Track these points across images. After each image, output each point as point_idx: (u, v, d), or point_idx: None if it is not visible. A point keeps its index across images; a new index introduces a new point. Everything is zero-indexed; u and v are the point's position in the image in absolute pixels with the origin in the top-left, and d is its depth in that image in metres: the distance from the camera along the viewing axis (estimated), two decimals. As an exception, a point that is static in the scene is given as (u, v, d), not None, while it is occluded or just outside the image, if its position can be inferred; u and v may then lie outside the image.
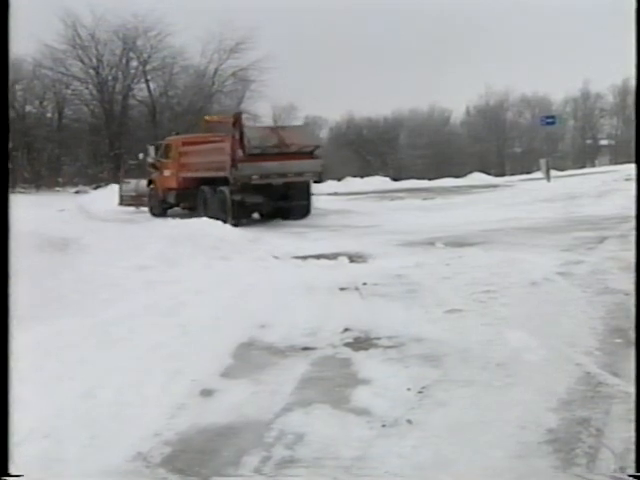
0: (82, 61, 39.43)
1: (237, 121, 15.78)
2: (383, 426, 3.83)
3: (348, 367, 4.93)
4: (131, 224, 16.22)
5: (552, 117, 30.76)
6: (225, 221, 14.43)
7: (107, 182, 32.79)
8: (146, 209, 20.07)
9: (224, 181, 15.67)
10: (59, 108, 41.34)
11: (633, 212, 9.98)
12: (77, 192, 33.47)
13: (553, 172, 26.30)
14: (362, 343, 5.49)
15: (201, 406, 4.26)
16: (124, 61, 40.05)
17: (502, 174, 41.61)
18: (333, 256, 9.73)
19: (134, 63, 40.38)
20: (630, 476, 3.02)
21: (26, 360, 4.22)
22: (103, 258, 9.91)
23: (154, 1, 40.07)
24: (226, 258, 9.80)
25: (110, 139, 39.21)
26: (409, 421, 3.87)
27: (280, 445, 3.66)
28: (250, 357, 5.31)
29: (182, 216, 16.56)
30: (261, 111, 45.71)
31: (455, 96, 75.93)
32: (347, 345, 5.45)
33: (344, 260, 9.30)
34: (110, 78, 40.24)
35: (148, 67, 40.13)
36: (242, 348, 5.51)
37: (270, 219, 16.34)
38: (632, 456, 3.30)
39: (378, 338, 5.56)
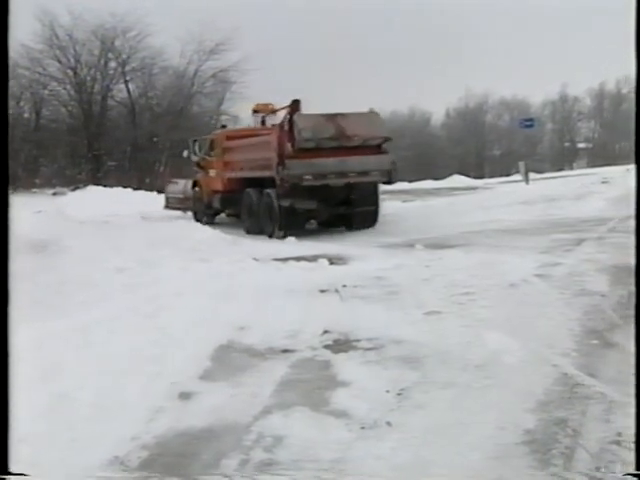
0: (60, 61, 39.09)
1: (295, 110, 12.91)
2: (362, 428, 3.83)
3: (327, 369, 4.93)
4: (110, 226, 16.09)
5: (531, 120, 31.00)
6: (272, 233, 13.08)
7: (85, 183, 32.53)
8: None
9: (271, 182, 13.02)
10: (36, 108, 40.93)
11: (609, 214, 10.13)
12: (55, 194, 33.14)
13: (532, 175, 26.52)
14: (342, 345, 5.50)
15: (180, 409, 4.23)
16: (103, 61, 39.77)
17: (481, 176, 41.94)
18: (313, 258, 9.73)
19: (113, 64, 40.13)
20: (630, 475, 3.03)
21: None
22: (83, 260, 9.84)
23: (133, 1, 39.90)
24: (206, 260, 9.76)
25: (89, 140, 38.91)
26: (388, 423, 3.87)
27: (259, 448, 3.65)
28: (229, 359, 5.29)
29: (227, 225, 15.34)
30: (242, 113, 45.76)
31: (435, 98, 76.38)
32: (327, 347, 5.46)
33: (324, 262, 9.30)
34: (88, 79, 39.93)
35: (127, 68, 39.89)
36: (221, 350, 5.48)
37: (329, 228, 13.91)
38: (608, 456, 3.35)
39: (357, 340, 5.57)
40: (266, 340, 5.66)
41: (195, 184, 17.58)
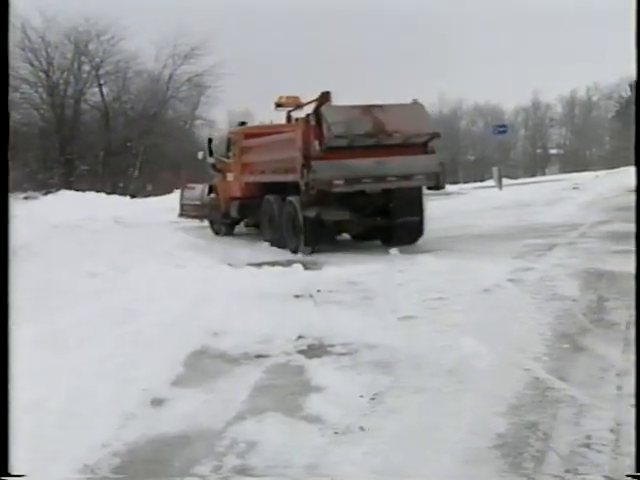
0: (32, 64, 38.59)
1: (324, 103, 10.96)
2: (335, 433, 3.84)
3: (301, 374, 4.93)
4: (82, 230, 15.92)
5: (504, 126, 31.35)
6: (296, 248, 11.15)
7: (57, 188, 32.15)
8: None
9: (295, 188, 10.91)
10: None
11: (579, 220, 10.26)
12: (26, 198, 32.68)
13: (505, 180, 26.82)
14: (316, 350, 5.50)
15: (152, 415, 4.20)
16: (76, 65, 39.37)
17: (455, 182, 42.19)
18: (287, 263, 9.72)
19: (86, 67, 39.74)
20: (630, 476, 3.06)
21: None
22: (54, 265, 9.73)
23: (108, 4, 39.62)
24: (179, 265, 9.70)
25: (61, 144, 38.48)
26: (361, 428, 3.88)
27: (232, 454, 3.63)
28: (203, 365, 5.26)
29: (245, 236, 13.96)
30: (217, 117, 45.64)
31: (409, 105, 76.64)
32: (301, 352, 5.45)
33: (298, 267, 9.30)
34: (61, 82, 39.50)
35: (101, 71, 39.56)
36: (194, 356, 5.45)
37: (364, 241, 11.96)
38: (578, 459, 3.39)
39: (332, 345, 5.58)
40: (240, 345, 5.64)
41: (211, 189, 15.59)
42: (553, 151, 63.20)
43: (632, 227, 8.51)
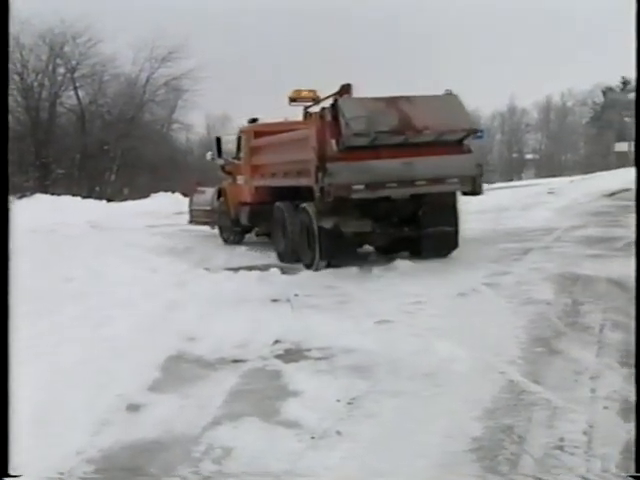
0: (6, 66, 38.12)
1: (344, 94, 9.97)
2: (312, 438, 3.84)
3: (278, 379, 4.93)
4: (58, 235, 15.76)
5: (481, 131, 31.51)
6: (311, 262, 9.69)
7: (33, 191, 31.77)
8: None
9: (309, 194, 9.46)
10: (-20, 114, 39.83)
11: (554, 224, 10.30)
12: (1, 201, 32.21)
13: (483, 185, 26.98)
14: (293, 355, 5.50)
15: (127, 421, 4.17)
16: (51, 67, 38.95)
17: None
18: (265, 267, 9.71)
19: (62, 70, 39.33)
20: (630, 476, 3.08)
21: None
22: (28, 270, 9.60)
23: (84, 7, 39.36)
24: (155, 269, 9.64)
25: (36, 147, 38.03)
26: (338, 432, 3.89)
27: (208, 460, 3.62)
28: (179, 370, 5.24)
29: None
30: (194, 121, 45.49)
31: (387, 109, 77.00)
32: (278, 357, 5.45)
33: (276, 272, 9.28)
34: (36, 84, 39.05)
35: (77, 74, 39.17)
36: (170, 361, 5.42)
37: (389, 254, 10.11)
38: (551, 461, 3.42)
39: (309, 349, 5.58)
40: (216, 350, 5.62)
41: (220, 194, 14.21)
42: (529, 156, 63.80)
43: (605, 232, 8.57)
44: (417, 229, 9.76)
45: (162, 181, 33.94)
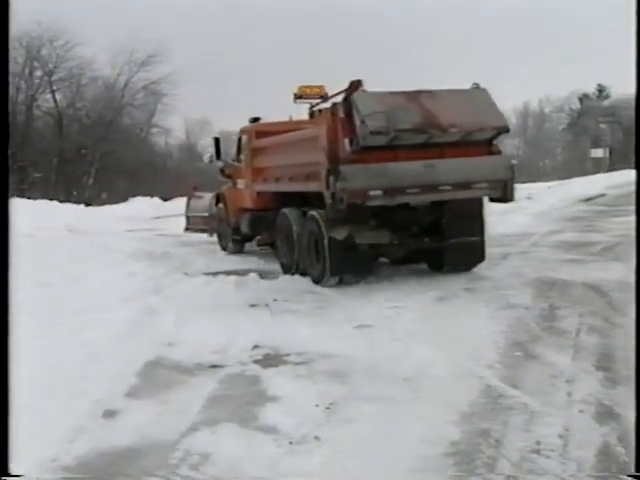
0: (-19, 69, 37.75)
1: (354, 92, 8.22)
2: (290, 443, 3.83)
3: (257, 384, 4.91)
4: (34, 239, 15.59)
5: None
6: (320, 277, 8.68)
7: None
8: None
9: (319, 200, 8.39)
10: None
11: (532, 229, 10.35)
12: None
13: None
14: (271, 360, 5.48)
15: (103, 428, 4.13)
16: (27, 70, 38.66)
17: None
18: (244, 272, 9.67)
19: (39, 72, 39.07)
20: (630, 476, 3.09)
21: None
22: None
23: (61, 10, 39.09)
24: (133, 274, 9.57)
25: (13, 151, 37.61)
26: (316, 438, 3.88)
27: (185, 466, 3.59)
28: (156, 376, 5.20)
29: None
30: (174, 125, 45.34)
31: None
32: (256, 362, 5.43)
33: (255, 276, 9.26)
34: (12, 88, 38.69)
35: (54, 77, 38.93)
36: (148, 367, 5.38)
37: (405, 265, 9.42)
38: (528, 465, 3.44)
39: (287, 355, 5.57)
40: (194, 355, 5.59)
41: (219, 199, 13.29)
42: (507, 162, 64.29)
43: (582, 236, 8.64)
44: (439, 240, 8.76)
45: (141, 185, 33.81)
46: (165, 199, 28.45)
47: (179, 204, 26.16)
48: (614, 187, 23.20)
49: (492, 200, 8.63)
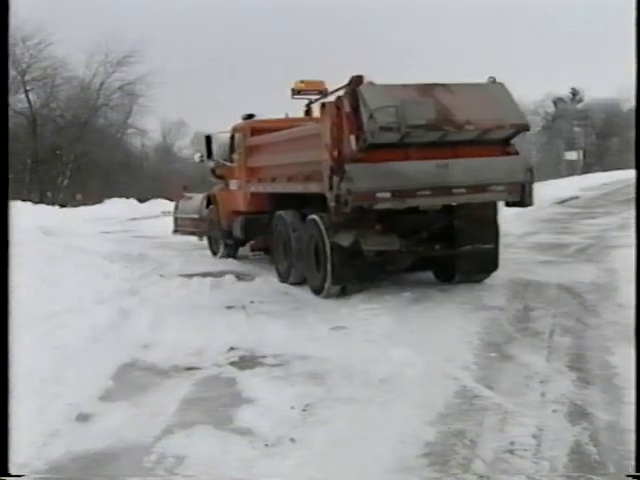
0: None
1: (353, 89, 7.37)
2: (266, 445, 3.82)
3: (232, 386, 4.90)
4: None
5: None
6: (320, 287, 8.01)
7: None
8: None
9: (320, 203, 7.69)
10: None
11: (504, 230, 10.28)
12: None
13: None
14: (247, 362, 5.47)
15: (77, 431, 4.09)
16: (1, 70, 38.11)
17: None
18: (220, 274, 9.64)
19: (11, 72, 38.52)
20: (630, 476, 3.11)
21: None
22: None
23: (34, 8, 38.61)
24: (108, 276, 9.49)
25: (-15, 151, 37.13)
26: (292, 440, 3.88)
27: (160, 469, 3.57)
28: (131, 378, 5.16)
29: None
30: (150, 126, 45.04)
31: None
32: (232, 364, 5.42)
33: (231, 278, 9.23)
34: (-15, 87, 38.18)
35: (27, 77, 38.42)
36: (123, 369, 5.35)
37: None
38: (502, 465, 3.47)
39: (263, 356, 5.56)
40: (170, 358, 5.57)
41: (210, 201, 12.51)
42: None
43: (556, 238, 8.73)
44: (450, 247, 8.05)
45: (116, 187, 33.54)
46: (141, 200, 28.27)
47: (156, 205, 26.16)
48: (588, 189, 23.53)
49: (508, 204, 8.02)
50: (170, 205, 25.63)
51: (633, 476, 3.08)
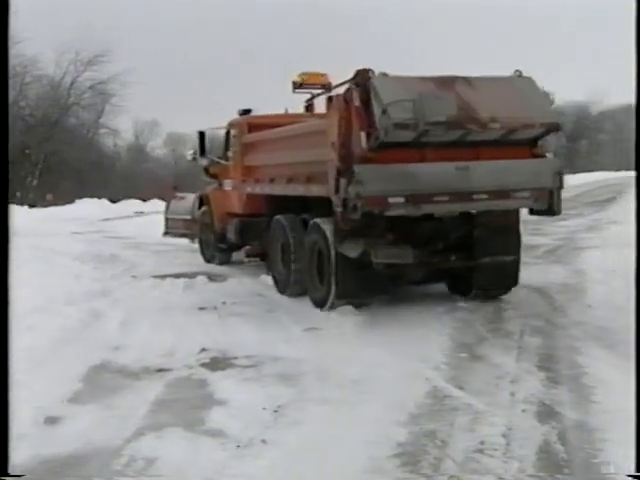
0: None
1: (364, 81, 6.56)
2: (237, 447, 3.81)
3: (204, 388, 4.87)
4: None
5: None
6: (323, 301, 7.23)
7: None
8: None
9: (324, 207, 7.00)
10: None
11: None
12: None
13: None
14: (219, 363, 5.44)
15: (45, 435, 4.03)
16: (-32, 67, 37.51)
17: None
18: (192, 275, 9.58)
19: (-20, 70, 37.93)
20: (630, 476, 3.13)
21: None
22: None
23: None
24: (79, 276, 9.38)
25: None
26: (264, 441, 3.86)
27: (130, 471, 3.53)
28: (101, 380, 5.11)
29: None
30: (122, 126, 44.60)
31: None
32: (204, 365, 5.38)
33: (204, 279, 9.18)
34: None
35: (-4, 75, 37.83)
36: (93, 371, 5.29)
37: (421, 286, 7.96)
38: (472, 465, 3.50)
39: (236, 358, 5.54)
40: (141, 359, 5.52)
41: (202, 201, 11.71)
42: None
43: (527, 240, 8.84)
44: (468, 258, 7.27)
45: (88, 187, 33.14)
46: (113, 201, 27.99)
47: (128, 206, 25.93)
48: (558, 192, 23.76)
49: (532, 212, 7.34)
50: (142, 206, 25.47)
51: (633, 476, 3.11)
